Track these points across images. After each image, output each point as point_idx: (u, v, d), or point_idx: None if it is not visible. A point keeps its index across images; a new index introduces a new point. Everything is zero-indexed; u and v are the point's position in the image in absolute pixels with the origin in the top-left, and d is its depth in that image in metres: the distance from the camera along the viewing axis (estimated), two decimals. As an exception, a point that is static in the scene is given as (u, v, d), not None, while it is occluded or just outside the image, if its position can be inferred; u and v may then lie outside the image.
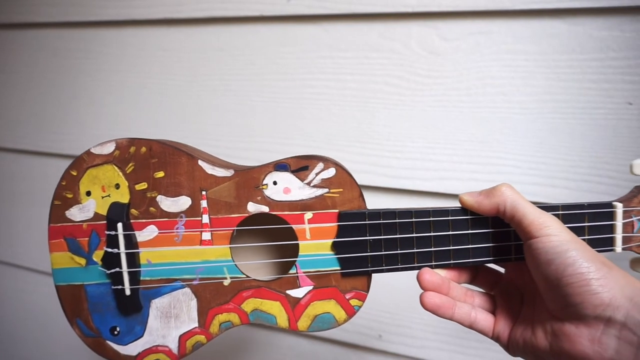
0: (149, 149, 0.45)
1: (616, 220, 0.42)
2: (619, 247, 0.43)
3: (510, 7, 0.59)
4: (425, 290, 0.42)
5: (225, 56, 0.76)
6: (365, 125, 0.69)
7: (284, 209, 0.44)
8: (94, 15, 0.83)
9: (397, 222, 0.42)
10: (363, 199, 0.43)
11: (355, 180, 0.43)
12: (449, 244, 0.42)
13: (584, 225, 0.42)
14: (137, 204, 0.44)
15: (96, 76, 0.86)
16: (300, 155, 0.44)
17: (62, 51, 0.88)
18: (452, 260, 0.43)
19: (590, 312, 0.35)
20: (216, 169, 0.44)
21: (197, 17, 0.75)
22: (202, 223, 0.44)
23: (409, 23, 0.65)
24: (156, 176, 0.44)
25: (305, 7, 0.69)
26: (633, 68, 0.56)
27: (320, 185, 0.43)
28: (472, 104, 0.63)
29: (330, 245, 0.43)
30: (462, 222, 0.42)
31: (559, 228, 0.38)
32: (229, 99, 0.76)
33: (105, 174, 0.45)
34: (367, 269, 0.43)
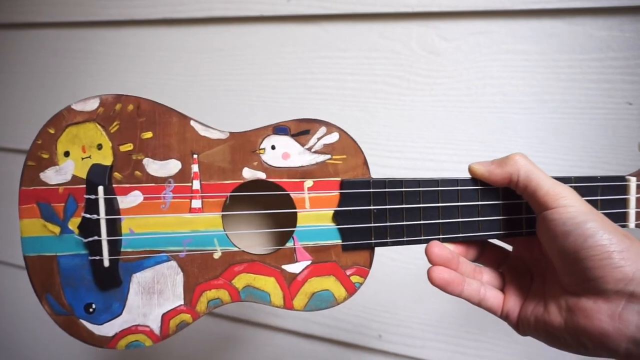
0: (137, 107, 0.40)
1: (629, 194, 0.41)
2: (632, 223, 0.41)
3: (510, 7, 0.59)
4: (434, 265, 0.39)
5: (225, 56, 0.76)
6: (365, 125, 0.69)
7: (283, 175, 0.40)
8: (94, 15, 0.83)
9: (403, 191, 0.40)
10: (367, 167, 0.41)
11: (359, 147, 0.41)
12: (457, 215, 0.40)
13: (596, 198, 0.40)
14: (121, 167, 0.40)
15: (96, 76, 0.86)
16: (301, 118, 0.41)
17: (62, 51, 0.88)
18: (461, 233, 0.40)
19: (612, 287, 0.33)
20: (210, 131, 0.40)
21: (197, 17, 0.75)
22: (192, 189, 0.40)
23: (409, 23, 0.65)
24: (143, 137, 0.40)
25: (305, 7, 0.69)
26: (633, 68, 0.56)
27: (322, 151, 0.40)
28: (472, 104, 0.63)
29: (332, 215, 0.40)
30: (471, 193, 0.40)
31: (576, 199, 0.36)
32: (229, 99, 0.76)
33: (87, 133, 0.40)
34: (371, 242, 0.40)
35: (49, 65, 0.89)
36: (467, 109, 0.64)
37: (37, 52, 0.90)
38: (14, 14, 0.89)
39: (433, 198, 0.40)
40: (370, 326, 0.72)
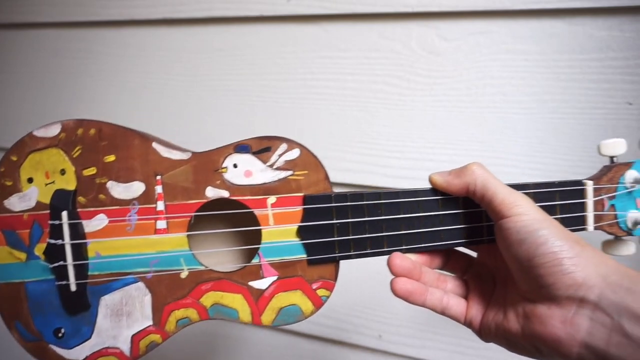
0: (99, 131, 0.41)
1: (587, 198, 0.42)
2: (590, 226, 0.42)
3: (510, 7, 0.59)
4: (396, 276, 0.40)
5: (225, 56, 0.76)
6: (365, 125, 0.69)
7: (246, 193, 0.41)
8: (94, 15, 0.83)
9: (364, 204, 0.40)
10: (329, 181, 0.41)
11: (320, 162, 0.41)
12: (419, 226, 0.40)
13: (555, 203, 0.41)
14: (85, 191, 0.40)
15: (96, 76, 0.86)
16: (262, 136, 0.41)
17: (62, 51, 0.88)
18: (423, 243, 0.41)
19: (563, 293, 0.34)
20: (172, 152, 0.41)
21: (197, 17, 0.75)
22: (157, 210, 0.41)
23: (409, 23, 0.65)
24: (106, 160, 0.41)
25: (305, 7, 0.69)
26: (633, 68, 0.56)
27: (284, 167, 0.41)
28: (472, 104, 0.63)
29: (296, 230, 0.40)
30: (432, 203, 0.40)
31: (530, 207, 0.36)
32: (229, 99, 0.76)
33: (50, 159, 0.41)
34: (335, 255, 0.40)
35: (49, 65, 0.89)
36: (467, 109, 0.64)
37: (37, 52, 0.90)
38: (14, 14, 0.89)
39: (395, 209, 0.41)
40: (370, 326, 0.72)
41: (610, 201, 0.42)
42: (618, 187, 0.42)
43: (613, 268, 0.34)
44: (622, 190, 0.42)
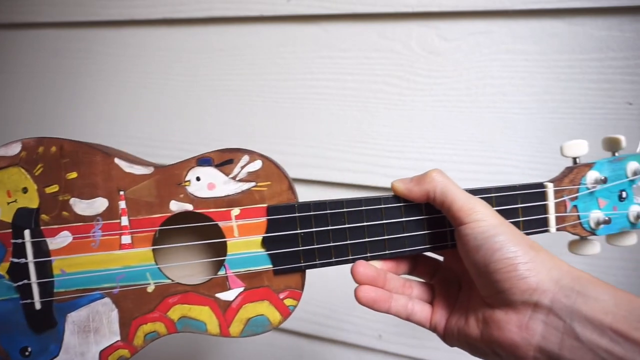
0: (60, 148, 0.42)
1: (548, 200, 0.42)
2: (553, 228, 0.42)
3: (510, 7, 0.59)
4: (360, 284, 0.40)
5: (225, 56, 0.76)
6: (366, 125, 0.69)
7: (210, 205, 0.41)
8: (94, 15, 0.83)
9: (328, 213, 0.40)
10: (293, 191, 0.41)
11: (283, 172, 0.41)
12: (383, 233, 0.41)
13: (517, 206, 0.41)
14: (48, 209, 0.40)
15: (96, 76, 0.86)
16: (223, 149, 0.41)
17: (62, 51, 0.88)
18: (387, 250, 0.41)
19: (518, 298, 0.34)
20: (134, 167, 0.41)
21: (197, 17, 0.75)
22: (121, 225, 0.41)
23: (409, 23, 0.65)
24: (68, 177, 0.41)
25: (305, 7, 0.69)
26: (633, 68, 0.56)
27: (247, 179, 0.41)
28: (472, 104, 0.63)
29: (260, 241, 0.41)
30: (395, 210, 0.41)
31: (488, 213, 0.37)
32: (229, 99, 0.76)
33: (11, 178, 0.41)
34: (300, 265, 0.41)
35: (49, 65, 0.89)
36: (467, 109, 0.64)
37: (37, 52, 0.90)
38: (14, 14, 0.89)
39: (358, 217, 0.41)
40: (370, 326, 0.72)
41: (573, 202, 0.42)
42: (580, 187, 0.42)
43: (566, 272, 0.34)
44: (584, 191, 0.42)
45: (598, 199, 0.43)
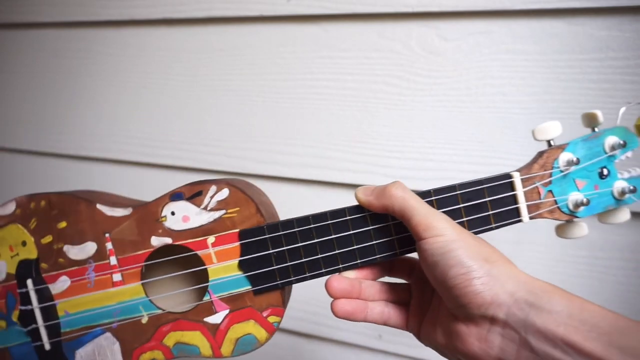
0: (48, 202, 0.45)
1: (516, 190, 0.41)
2: (525, 217, 0.41)
3: (510, 7, 0.59)
4: (335, 298, 0.41)
5: (225, 56, 0.76)
6: (365, 125, 0.69)
7: (187, 237, 0.44)
8: (94, 15, 0.83)
9: (296, 230, 0.42)
10: (261, 214, 0.43)
11: (249, 197, 0.43)
12: (352, 243, 0.42)
13: (485, 200, 0.41)
14: (46, 258, 0.45)
15: (96, 76, 0.86)
16: (192, 182, 0.44)
17: (62, 51, 0.88)
18: (359, 259, 0.42)
19: (476, 312, 0.35)
20: (115, 210, 0.45)
21: (197, 17, 0.75)
22: (111, 265, 0.44)
23: (409, 23, 0.65)
24: (59, 227, 0.45)
25: (305, 7, 0.69)
26: (633, 68, 0.56)
27: (217, 207, 0.43)
28: (472, 104, 0.63)
29: (237, 265, 0.43)
30: (360, 220, 0.42)
31: (446, 227, 0.37)
32: (229, 99, 0.76)
33: (11, 234, 0.46)
34: (277, 283, 0.43)
35: (49, 65, 0.89)
36: (467, 109, 0.64)
37: (37, 52, 0.90)
38: (14, 14, 0.89)
39: (326, 231, 0.42)
40: (370, 326, 0.72)
41: (547, 187, 0.41)
42: (553, 172, 0.41)
43: (522, 283, 0.35)
44: (558, 174, 0.41)
45: (575, 181, 0.42)
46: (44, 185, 0.93)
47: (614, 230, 0.59)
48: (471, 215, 0.41)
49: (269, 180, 0.75)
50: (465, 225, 0.41)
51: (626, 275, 0.59)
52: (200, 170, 0.80)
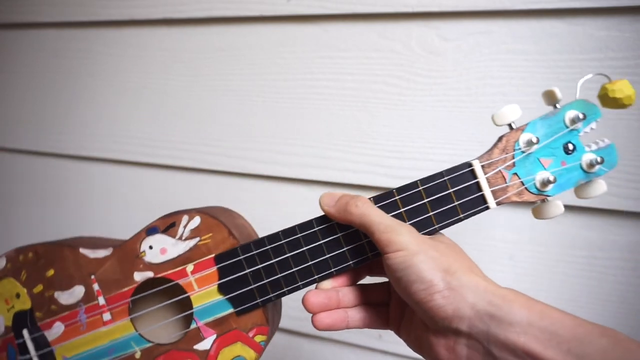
0: (35, 253, 0.48)
1: (478, 178, 0.41)
2: (492, 203, 0.41)
3: (510, 7, 0.59)
4: (314, 314, 0.42)
5: (225, 56, 0.76)
6: (365, 125, 0.69)
7: (167, 268, 0.45)
8: (94, 15, 0.83)
9: (268, 248, 0.43)
10: (234, 236, 0.44)
11: (220, 221, 0.44)
12: (324, 253, 0.42)
13: (448, 192, 0.41)
14: (39, 306, 0.47)
15: (96, 76, 0.86)
16: (165, 215, 0.46)
17: (62, 51, 0.88)
18: (333, 268, 0.42)
19: (441, 325, 0.35)
20: (97, 252, 0.47)
21: (197, 17, 0.76)
22: (100, 305, 0.46)
23: (409, 23, 0.65)
24: (48, 275, 0.47)
25: (305, 7, 0.69)
26: (633, 68, 0.56)
27: (191, 236, 0.45)
28: (472, 104, 0.63)
29: (217, 289, 0.44)
30: (329, 229, 0.42)
31: (406, 241, 0.37)
32: (229, 99, 0.76)
33: (5, 288, 0.48)
34: (257, 302, 0.43)
35: (49, 65, 0.89)
36: (467, 109, 0.64)
37: (37, 52, 0.90)
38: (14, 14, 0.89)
39: (297, 244, 0.42)
40: (370, 326, 0.72)
41: (511, 171, 0.41)
42: (515, 154, 0.41)
43: (482, 293, 0.35)
44: (520, 155, 0.41)
45: (540, 160, 0.41)
46: (44, 185, 0.93)
47: (613, 230, 0.59)
48: (437, 209, 0.41)
49: (269, 180, 0.75)
50: (432, 220, 0.41)
51: (625, 275, 0.59)
52: (200, 170, 0.80)
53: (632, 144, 0.57)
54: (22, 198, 0.96)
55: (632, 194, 0.57)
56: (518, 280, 0.63)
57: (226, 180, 0.79)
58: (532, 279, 0.63)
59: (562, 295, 0.62)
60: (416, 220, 0.41)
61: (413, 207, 0.41)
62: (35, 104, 0.92)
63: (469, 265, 0.37)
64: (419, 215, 0.41)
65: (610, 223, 0.60)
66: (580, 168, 0.41)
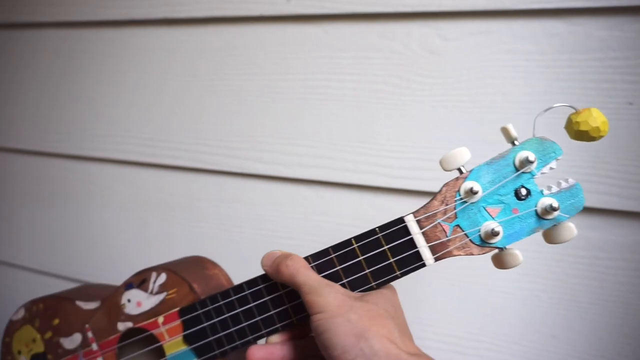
0: (44, 304, 0.55)
1: (412, 234, 0.39)
2: (430, 259, 0.39)
3: (510, 7, 0.59)
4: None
5: (225, 56, 0.76)
6: (365, 125, 0.69)
7: (143, 319, 0.50)
8: (94, 15, 0.83)
9: (222, 303, 0.45)
10: (194, 291, 0.48)
11: (182, 277, 0.49)
12: (269, 309, 0.44)
13: (384, 249, 0.40)
14: (50, 350, 0.54)
15: (96, 76, 0.86)
16: (138, 272, 0.51)
17: (62, 51, 0.88)
18: (278, 323, 0.44)
19: None
20: (89, 304, 0.53)
21: (197, 17, 0.75)
22: (94, 350, 0.52)
23: (409, 23, 0.65)
24: (54, 323, 0.54)
25: (305, 7, 0.69)
26: (633, 68, 0.56)
27: (159, 291, 0.50)
28: (472, 104, 0.63)
29: (182, 340, 0.47)
30: (273, 286, 0.44)
31: (326, 303, 0.37)
32: (229, 99, 0.76)
33: (25, 333, 0.56)
34: (216, 352, 0.46)
35: (49, 65, 0.89)
36: (467, 109, 0.64)
37: (37, 52, 0.90)
38: (14, 14, 0.89)
39: (245, 301, 0.45)
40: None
41: (452, 223, 0.39)
42: (456, 204, 0.39)
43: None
44: (461, 206, 0.38)
45: (486, 209, 0.38)
46: (45, 185, 0.93)
47: (614, 231, 0.59)
48: (373, 267, 0.41)
49: (269, 180, 0.75)
50: (368, 277, 0.41)
51: (626, 276, 0.59)
52: (200, 170, 0.80)
53: (633, 144, 0.57)
54: (22, 198, 0.96)
55: (633, 194, 0.57)
56: (518, 280, 0.63)
57: (226, 180, 0.78)
58: (532, 279, 0.63)
59: (562, 295, 0.62)
60: (352, 278, 0.41)
61: (348, 265, 0.41)
62: (35, 104, 0.92)
63: (386, 331, 0.37)
64: (355, 273, 0.41)
65: (611, 223, 0.59)
66: (535, 215, 0.38)
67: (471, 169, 0.39)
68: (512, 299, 0.64)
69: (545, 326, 0.63)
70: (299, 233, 0.74)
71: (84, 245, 0.91)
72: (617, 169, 0.58)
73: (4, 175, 0.97)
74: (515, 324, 0.64)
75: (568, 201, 0.38)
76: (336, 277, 0.41)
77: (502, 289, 0.64)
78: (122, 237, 0.87)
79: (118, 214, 0.87)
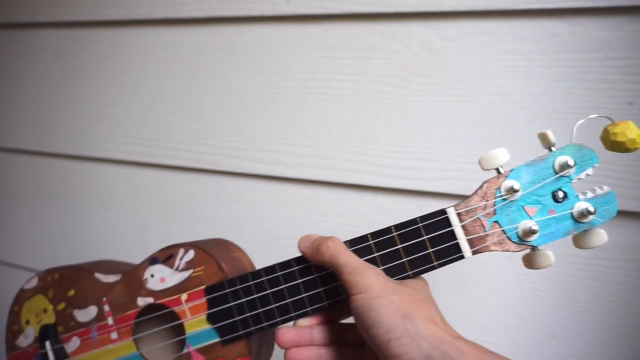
0: (60, 274, 0.54)
1: (453, 226, 0.40)
2: (468, 252, 0.40)
3: (510, 7, 0.59)
4: (287, 349, 0.43)
5: (225, 56, 0.76)
6: (365, 125, 0.69)
7: (165, 295, 0.49)
8: (94, 15, 0.83)
9: (251, 284, 0.45)
10: (223, 270, 0.48)
11: (211, 255, 0.48)
12: (301, 292, 0.44)
13: (423, 239, 0.41)
14: (61, 322, 0.53)
15: (96, 76, 0.86)
16: (164, 247, 0.50)
17: (62, 51, 0.88)
18: (309, 307, 0.44)
19: None
20: (108, 277, 0.52)
21: (197, 17, 0.75)
22: (109, 325, 0.51)
23: (409, 23, 0.65)
24: (69, 295, 0.53)
25: (305, 7, 0.69)
26: (633, 68, 0.56)
27: (186, 267, 0.49)
28: (472, 104, 0.63)
29: (206, 318, 0.47)
30: (307, 269, 0.44)
31: (369, 284, 0.37)
32: (229, 99, 0.76)
33: (36, 303, 0.54)
34: (240, 333, 0.46)
35: (49, 65, 0.89)
36: (467, 109, 0.64)
37: (37, 52, 0.90)
38: (14, 14, 0.89)
39: (276, 282, 0.45)
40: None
41: (491, 219, 0.40)
42: (496, 201, 0.40)
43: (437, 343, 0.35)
44: (501, 203, 0.40)
45: (524, 208, 0.40)
46: (45, 185, 0.93)
47: (614, 231, 0.59)
48: (411, 256, 0.41)
49: (269, 180, 0.75)
50: (405, 266, 0.41)
51: (626, 276, 0.59)
52: (200, 170, 0.80)
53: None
54: (22, 198, 0.96)
55: (633, 194, 0.57)
56: (518, 280, 0.63)
57: (226, 180, 0.79)
58: (532, 279, 0.63)
59: (563, 295, 0.62)
60: (389, 265, 0.42)
61: (387, 253, 0.41)
62: (35, 104, 0.92)
63: (429, 314, 0.37)
64: (393, 260, 0.42)
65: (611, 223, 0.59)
66: (571, 217, 0.39)
67: (511, 169, 0.41)
68: (512, 299, 0.64)
69: (545, 326, 0.63)
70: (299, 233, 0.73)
71: (84, 245, 0.91)
72: (617, 169, 0.58)
73: (4, 175, 0.97)
74: (515, 324, 0.64)
75: (603, 207, 0.39)
76: (373, 264, 0.41)
77: (502, 289, 0.64)
78: (122, 237, 0.87)
79: (118, 214, 0.87)
